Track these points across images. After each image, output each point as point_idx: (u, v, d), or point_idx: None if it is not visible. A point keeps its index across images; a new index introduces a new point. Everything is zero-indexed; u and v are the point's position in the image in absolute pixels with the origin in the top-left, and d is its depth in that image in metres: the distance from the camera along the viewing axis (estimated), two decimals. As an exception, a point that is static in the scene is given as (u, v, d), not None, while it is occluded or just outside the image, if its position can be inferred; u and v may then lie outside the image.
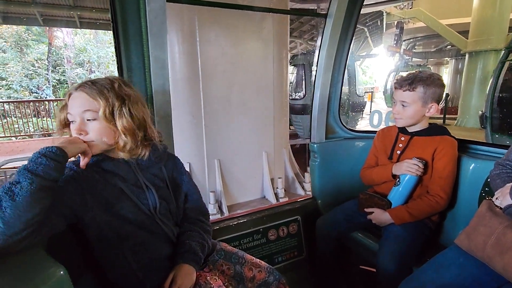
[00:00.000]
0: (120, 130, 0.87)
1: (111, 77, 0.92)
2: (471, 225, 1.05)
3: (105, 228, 0.86)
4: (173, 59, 2.60)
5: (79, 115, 0.85)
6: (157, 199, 0.95)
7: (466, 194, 1.36)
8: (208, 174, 2.57)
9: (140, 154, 0.93)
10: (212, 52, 2.42)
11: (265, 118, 2.52)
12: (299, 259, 1.82)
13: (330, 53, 1.73)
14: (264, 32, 2.44)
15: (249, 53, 2.47)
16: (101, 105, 0.84)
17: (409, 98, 1.34)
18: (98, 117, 0.84)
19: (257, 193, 2.78)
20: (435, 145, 1.35)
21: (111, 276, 0.91)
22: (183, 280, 0.90)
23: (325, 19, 1.68)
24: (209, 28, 2.37)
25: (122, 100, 0.88)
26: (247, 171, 2.61)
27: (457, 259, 1.05)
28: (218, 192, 2.46)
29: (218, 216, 1.99)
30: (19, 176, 0.67)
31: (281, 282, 1.12)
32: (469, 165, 1.36)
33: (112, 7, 1.10)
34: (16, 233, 0.63)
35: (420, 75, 1.33)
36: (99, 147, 0.87)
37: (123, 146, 0.88)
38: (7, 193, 0.64)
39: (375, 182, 1.55)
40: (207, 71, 2.43)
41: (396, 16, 10.24)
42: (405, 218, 1.33)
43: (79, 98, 0.85)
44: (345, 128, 1.95)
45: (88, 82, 0.87)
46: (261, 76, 2.55)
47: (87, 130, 0.85)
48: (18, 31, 13.78)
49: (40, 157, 0.70)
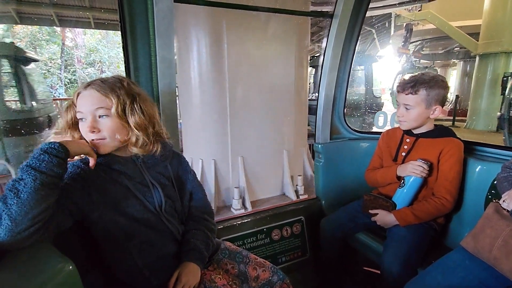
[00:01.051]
0: (133, 126, 0.88)
1: (119, 76, 0.94)
2: (478, 227, 1.04)
3: (112, 226, 0.87)
4: (201, 61, 2.72)
5: (91, 113, 0.85)
6: (162, 197, 0.96)
7: (472, 196, 1.35)
8: (232, 170, 2.67)
9: (152, 149, 0.94)
10: (238, 54, 2.52)
11: (286, 118, 2.64)
12: (302, 260, 1.81)
13: (336, 53, 1.73)
14: (286, 34, 2.54)
15: (272, 54, 2.57)
16: (113, 102, 0.85)
17: (412, 101, 1.33)
18: (111, 114, 0.86)
19: (277, 190, 2.91)
20: (441, 147, 1.34)
21: (117, 273, 0.92)
22: (188, 278, 0.91)
23: (331, 19, 1.68)
24: (236, 30, 2.49)
25: (133, 97, 0.89)
26: (268, 168, 2.72)
27: (463, 261, 1.04)
28: (241, 188, 2.54)
29: (242, 211, 2.07)
30: (22, 173, 0.68)
31: (285, 282, 1.12)
32: (475, 167, 1.35)
33: (121, 7, 1.11)
34: (24, 230, 0.65)
35: (422, 77, 1.32)
36: (111, 144, 0.89)
37: (136, 141, 0.90)
38: (11, 190, 0.65)
39: (380, 183, 1.55)
40: (233, 72, 2.54)
41: (407, 18, 10.19)
42: (410, 219, 1.32)
43: (90, 96, 0.86)
44: (350, 129, 1.95)
45: (97, 81, 0.88)
46: (283, 77, 2.66)
47: (99, 127, 0.86)
48: (33, 31, 14.15)
49: (42, 153, 0.71)
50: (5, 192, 0.66)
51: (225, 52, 2.51)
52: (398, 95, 1.39)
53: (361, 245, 1.55)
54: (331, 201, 1.88)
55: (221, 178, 2.88)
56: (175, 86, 1.31)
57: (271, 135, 2.84)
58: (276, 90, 2.81)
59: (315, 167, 1.92)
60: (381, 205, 1.44)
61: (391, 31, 11.61)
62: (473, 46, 9.43)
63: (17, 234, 0.64)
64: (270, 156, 2.89)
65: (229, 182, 2.72)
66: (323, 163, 1.85)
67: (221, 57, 2.55)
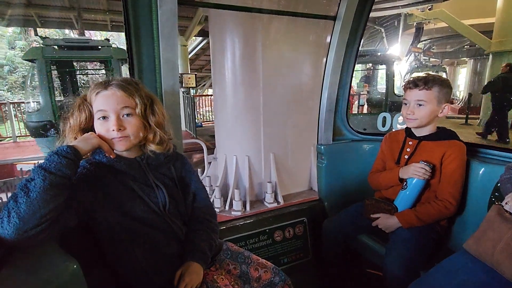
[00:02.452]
0: (154, 125, 0.94)
1: (133, 79, 0.98)
2: (480, 230, 1.04)
3: (116, 226, 0.88)
4: (234, 63, 2.92)
5: (116, 112, 0.88)
6: (166, 198, 0.97)
7: (475, 199, 1.35)
8: (264, 166, 2.82)
9: (167, 147, 0.99)
10: (272, 57, 2.65)
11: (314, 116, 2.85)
12: (304, 261, 1.81)
13: (339, 55, 1.74)
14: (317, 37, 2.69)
15: (303, 56, 2.70)
16: (137, 103, 0.90)
17: (425, 96, 1.33)
18: (135, 114, 0.90)
19: (305, 185, 3.06)
20: (444, 149, 1.34)
21: (121, 272, 0.93)
22: (191, 277, 0.91)
23: (334, 21, 1.68)
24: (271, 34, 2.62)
25: (151, 99, 0.96)
26: (297, 164, 2.84)
27: (466, 264, 1.04)
28: (273, 183, 2.66)
29: (275, 205, 2.15)
30: (34, 173, 0.70)
31: (287, 283, 1.12)
32: (478, 169, 1.35)
33: (125, 10, 1.12)
34: (31, 229, 0.66)
35: (432, 76, 1.34)
36: (133, 142, 0.92)
37: (154, 137, 0.94)
38: (22, 189, 0.67)
39: (382, 186, 1.54)
40: (267, 73, 2.66)
41: (419, 17, 10.21)
42: (413, 222, 1.32)
43: (114, 95, 0.89)
44: (353, 130, 1.95)
45: (116, 81, 0.91)
46: (312, 77, 2.79)
47: (124, 125, 0.89)
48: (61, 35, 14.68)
49: (52, 155, 0.74)
50: (17, 190, 0.68)
51: (259, 54, 2.70)
52: (409, 92, 1.38)
53: (363, 247, 1.55)
54: (334, 202, 1.88)
55: (254, 173, 3.01)
56: (179, 88, 1.32)
57: (300, 132, 3.03)
58: (305, 89, 3.06)
59: (317, 169, 1.92)
60: (382, 209, 1.43)
61: (399, 30, 11.60)
62: (486, 44, 9.45)
63: (24, 232, 0.65)
64: (299, 152, 3.10)
65: (261, 177, 2.95)
66: (326, 165, 1.85)
67: (255, 59, 2.74)
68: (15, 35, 14.82)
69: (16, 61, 13.83)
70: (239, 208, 3.25)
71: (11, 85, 13.49)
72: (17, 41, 14.79)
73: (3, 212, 0.66)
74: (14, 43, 14.67)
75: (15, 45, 14.70)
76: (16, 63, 13.80)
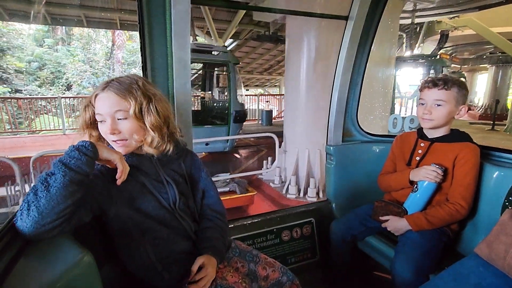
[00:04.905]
0: (149, 127, 0.91)
1: (135, 76, 0.95)
2: (492, 234, 1.02)
3: (127, 222, 0.89)
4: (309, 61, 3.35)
5: (110, 115, 0.88)
6: (177, 194, 0.98)
7: (488, 203, 1.32)
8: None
9: (165, 149, 0.97)
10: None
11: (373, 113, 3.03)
12: (312, 261, 1.81)
13: (350, 55, 1.73)
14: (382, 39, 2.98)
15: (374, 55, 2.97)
16: (131, 105, 0.87)
17: (444, 96, 1.31)
18: (129, 116, 0.88)
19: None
20: (456, 151, 1.32)
21: (131, 266, 0.95)
22: (210, 271, 0.93)
23: (345, 21, 1.68)
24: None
25: (149, 98, 0.91)
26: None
27: (477, 268, 1.02)
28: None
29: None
30: (54, 167, 0.71)
31: (294, 283, 1.12)
32: (492, 173, 1.32)
33: (140, 10, 1.14)
34: (48, 223, 0.68)
35: (450, 77, 1.33)
36: (132, 146, 0.92)
37: (151, 142, 0.92)
38: (43, 183, 0.69)
39: (393, 188, 1.52)
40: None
41: (449, 24, 10.18)
42: (423, 225, 1.30)
43: (108, 98, 0.88)
44: (363, 132, 1.94)
45: (114, 82, 0.90)
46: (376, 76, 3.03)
47: (119, 129, 0.89)
48: (89, 33, 15.68)
49: (73, 150, 0.74)
50: (37, 183, 0.69)
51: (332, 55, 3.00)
52: (427, 91, 1.36)
53: (371, 249, 1.53)
54: (342, 204, 1.87)
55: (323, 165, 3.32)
56: (190, 86, 1.33)
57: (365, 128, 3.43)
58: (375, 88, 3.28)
59: (326, 169, 1.91)
60: (392, 211, 1.42)
61: (419, 36, 11.58)
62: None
63: (42, 226, 0.67)
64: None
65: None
66: (335, 166, 1.84)
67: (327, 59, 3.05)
68: (42, 32, 15.30)
69: (44, 58, 14.29)
70: (313, 195, 4.13)
71: (42, 81, 13.98)
72: (45, 38, 15.31)
73: (23, 204, 0.68)
74: (41, 40, 15.18)
75: (43, 42, 15.19)
76: (45, 60, 14.25)
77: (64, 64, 14.46)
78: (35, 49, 14.52)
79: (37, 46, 14.82)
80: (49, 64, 14.27)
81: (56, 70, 14.30)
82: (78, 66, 14.67)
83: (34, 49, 14.44)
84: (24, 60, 13.73)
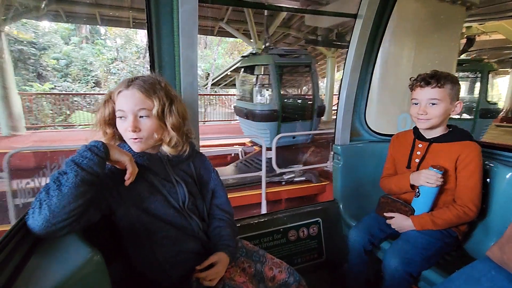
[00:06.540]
0: (169, 127, 0.92)
1: (157, 76, 0.97)
2: (505, 236, 1.00)
3: (136, 221, 0.90)
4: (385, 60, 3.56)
5: (133, 113, 0.89)
6: (186, 194, 0.98)
7: (499, 204, 1.29)
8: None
9: (182, 150, 0.98)
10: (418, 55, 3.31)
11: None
12: (318, 262, 1.80)
13: (359, 54, 1.71)
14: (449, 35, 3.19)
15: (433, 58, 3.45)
16: (155, 104, 0.89)
17: (438, 94, 1.25)
18: (151, 115, 0.89)
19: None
20: (458, 152, 1.27)
21: (139, 265, 0.95)
22: (221, 269, 0.94)
23: (354, 19, 1.65)
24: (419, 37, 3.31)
25: (171, 99, 0.93)
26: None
27: (488, 271, 1.00)
28: None
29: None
30: (67, 166, 0.72)
31: (301, 284, 1.11)
32: (504, 174, 1.29)
33: (148, 8, 1.15)
34: (59, 222, 0.68)
35: (441, 73, 1.27)
36: (148, 143, 0.93)
37: (169, 141, 0.94)
38: (55, 182, 0.69)
39: (395, 192, 1.46)
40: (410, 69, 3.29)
41: (480, 30, 10.12)
42: (428, 226, 1.27)
43: (132, 96, 0.89)
44: (371, 131, 1.91)
45: (139, 80, 0.91)
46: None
47: (140, 127, 0.89)
48: (128, 33, 16.27)
49: (86, 150, 0.75)
50: (49, 182, 0.70)
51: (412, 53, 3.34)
52: (419, 90, 1.30)
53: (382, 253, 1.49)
54: (349, 204, 1.85)
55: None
56: (197, 86, 1.33)
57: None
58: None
59: (333, 169, 1.90)
60: (398, 209, 1.38)
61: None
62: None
63: (52, 225, 0.68)
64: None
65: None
66: (342, 165, 1.83)
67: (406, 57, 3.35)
68: (68, 31, 15.68)
69: (71, 55, 14.60)
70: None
71: (73, 78, 14.36)
72: (72, 37, 15.71)
73: (34, 203, 0.69)
74: (67, 38, 15.56)
75: (69, 40, 15.56)
76: (72, 57, 14.55)
77: (90, 62, 14.80)
78: (63, 47, 14.86)
79: (64, 44, 15.20)
80: (76, 61, 14.65)
81: (83, 67, 14.66)
82: (116, 64, 15.27)
83: (62, 47, 14.78)
84: (51, 57, 14.10)
